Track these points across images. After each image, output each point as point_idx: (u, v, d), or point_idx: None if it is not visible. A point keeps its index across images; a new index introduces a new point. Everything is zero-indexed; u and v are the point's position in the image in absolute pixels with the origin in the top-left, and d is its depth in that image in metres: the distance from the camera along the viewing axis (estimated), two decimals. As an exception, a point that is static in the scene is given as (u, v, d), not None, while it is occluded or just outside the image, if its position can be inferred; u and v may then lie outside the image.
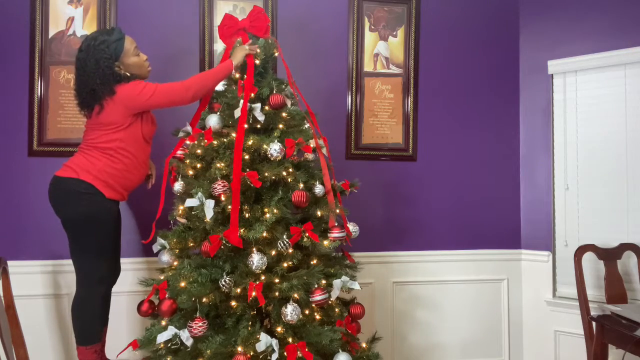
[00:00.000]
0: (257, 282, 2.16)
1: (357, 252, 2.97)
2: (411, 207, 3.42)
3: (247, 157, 2.32)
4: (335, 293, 2.33)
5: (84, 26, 3.01)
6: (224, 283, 2.17)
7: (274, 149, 2.28)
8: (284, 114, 2.47)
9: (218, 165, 2.28)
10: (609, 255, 3.01)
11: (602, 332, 2.65)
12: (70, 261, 2.52)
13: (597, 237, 3.16)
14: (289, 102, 2.53)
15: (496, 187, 3.53)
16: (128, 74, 2.49)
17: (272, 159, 2.30)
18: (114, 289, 2.62)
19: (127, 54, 2.50)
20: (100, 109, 2.43)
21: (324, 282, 2.29)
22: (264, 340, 2.09)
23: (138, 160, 2.53)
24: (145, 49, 2.67)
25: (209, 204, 2.20)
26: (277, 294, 2.19)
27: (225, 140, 2.37)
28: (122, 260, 2.70)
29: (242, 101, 2.38)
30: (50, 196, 2.48)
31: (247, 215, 2.27)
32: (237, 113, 2.39)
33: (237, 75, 2.56)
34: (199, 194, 2.23)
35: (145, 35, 3.00)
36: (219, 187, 2.21)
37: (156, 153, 2.72)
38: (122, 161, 2.48)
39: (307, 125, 2.53)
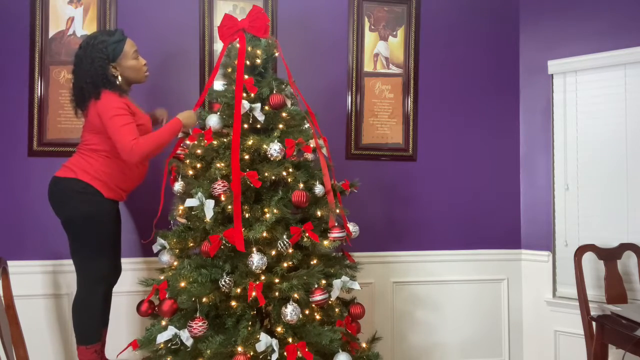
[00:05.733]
0: (257, 282, 2.16)
1: (357, 252, 2.97)
2: (411, 207, 3.42)
3: (247, 157, 2.32)
4: (335, 293, 2.33)
5: (84, 26, 3.01)
6: (224, 283, 2.17)
7: (274, 149, 2.28)
8: (284, 114, 2.46)
9: (218, 165, 2.28)
10: (609, 255, 3.00)
11: (602, 332, 2.65)
12: (70, 261, 2.52)
13: (597, 237, 3.16)
14: (289, 102, 2.53)
15: (496, 187, 3.53)
16: (118, 81, 2.48)
17: (272, 159, 2.29)
18: (114, 289, 2.62)
19: (126, 56, 2.51)
20: (87, 111, 2.46)
21: (324, 282, 2.29)
22: (264, 340, 2.09)
23: None
24: (145, 49, 2.67)
25: (209, 204, 2.20)
26: (277, 294, 2.19)
27: (225, 140, 2.37)
28: (122, 261, 2.71)
29: (244, 102, 2.38)
30: (50, 196, 2.49)
31: (247, 215, 2.27)
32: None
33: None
34: (199, 194, 2.23)
35: (145, 35, 3.00)
36: (219, 187, 2.21)
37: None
38: (118, 161, 2.48)
39: (307, 125, 2.53)
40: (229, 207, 2.22)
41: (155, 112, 2.80)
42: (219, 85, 2.68)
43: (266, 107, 2.44)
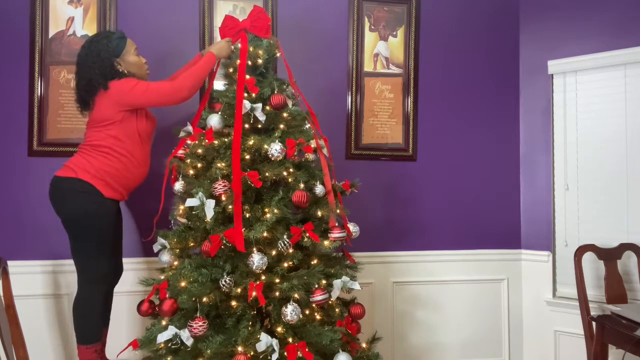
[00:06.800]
0: (258, 282, 2.16)
1: (358, 252, 2.97)
2: (411, 207, 3.41)
3: (247, 157, 2.32)
4: (335, 293, 2.33)
5: (84, 26, 3.01)
6: (224, 283, 2.17)
7: (275, 149, 2.28)
8: (285, 114, 2.47)
9: (219, 165, 2.28)
10: (609, 255, 3.00)
11: (602, 332, 2.65)
12: (70, 261, 2.52)
13: (597, 237, 3.16)
14: (290, 103, 2.53)
15: (496, 187, 3.53)
16: (126, 72, 2.51)
17: (272, 159, 2.30)
18: (115, 289, 2.62)
19: (128, 52, 2.55)
20: (93, 105, 2.46)
21: (324, 282, 2.29)
22: (264, 340, 2.09)
23: (136, 158, 2.53)
24: (145, 49, 2.68)
25: (210, 204, 2.20)
26: (277, 294, 2.19)
27: (226, 140, 2.37)
28: (123, 261, 2.71)
29: (245, 102, 2.38)
30: (51, 196, 2.49)
31: (247, 215, 2.27)
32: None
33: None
34: (200, 193, 2.23)
35: (145, 35, 3.00)
36: (219, 187, 2.21)
37: (157, 152, 2.72)
38: (120, 160, 2.48)
39: (308, 126, 2.53)
40: (230, 207, 2.22)
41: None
42: (220, 85, 2.69)
43: (267, 107, 2.44)
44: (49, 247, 2.91)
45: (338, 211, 2.43)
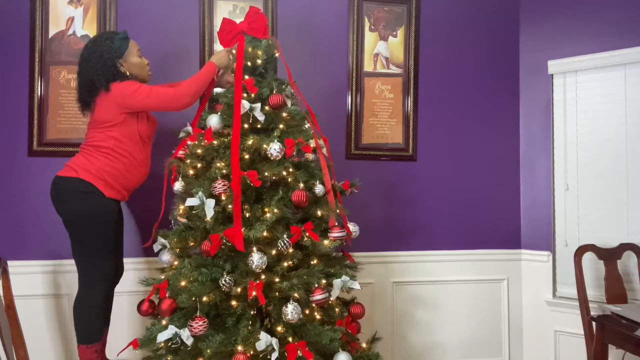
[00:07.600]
0: (258, 282, 2.17)
1: (357, 252, 2.97)
2: (411, 207, 3.42)
3: (247, 156, 2.32)
4: (335, 293, 2.33)
5: (84, 26, 3.01)
6: (224, 282, 2.17)
7: (274, 148, 2.29)
8: (284, 114, 2.47)
9: (218, 164, 2.29)
10: (609, 255, 3.00)
11: (602, 332, 2.65)
12: (70, 261, 2.53)
13: (597, 237, 3.16)
14: (289, 102, 2.53)
15: (496, 187, 3.53)
16: (128, 73, 2.52)
17: (272, 158, 2.30)
18: (116, 289, 2.62)
19: (131, 53, 2.55)
20: (94, 106, 2.47)
21: (324, 281, 2.29)
22: (264, 340, 2.09)
23: (136, 159, 2.54)
24: (145, 49, 2.68)
25: (210, 204, 2.20)
26: (277, 293, 2.19)
27: (225, 140, 2.38)
28: (124, 261, 2.71)
29: (244, 102, 2.39)
30: (52, 195, 2.50)
31: (247, 215, 2.27)
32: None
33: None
34: (200, 193, 2.24)
35: (146, 35, 3.00)
36: (219, 186, 2.21)
37: (158, 153, 2.72)
38: (121, 161, 2.49)
39: (307, 126, 2.53)
40: (230, 206, 2.22)
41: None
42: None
43: (266, 107, 2.44)
44: (49, 247, 2.91)
45: (338, 211, 2.43)
